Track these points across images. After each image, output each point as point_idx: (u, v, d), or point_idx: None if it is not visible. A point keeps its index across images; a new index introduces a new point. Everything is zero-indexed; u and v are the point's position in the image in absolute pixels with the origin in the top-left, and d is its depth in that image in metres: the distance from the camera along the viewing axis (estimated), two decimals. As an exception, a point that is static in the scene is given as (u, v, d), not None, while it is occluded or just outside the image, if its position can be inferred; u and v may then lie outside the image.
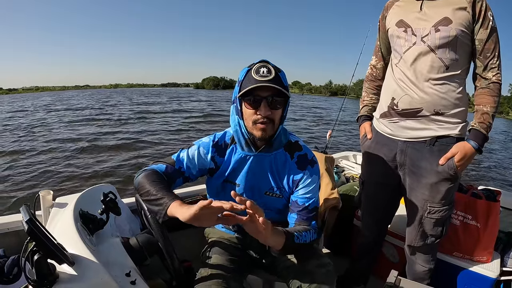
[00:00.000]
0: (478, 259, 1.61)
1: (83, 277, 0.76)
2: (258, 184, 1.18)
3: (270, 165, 1.16)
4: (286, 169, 1.17)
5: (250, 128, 1.07)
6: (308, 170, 1.16)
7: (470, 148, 1.22)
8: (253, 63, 1.06)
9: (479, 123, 1.23)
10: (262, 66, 1.02)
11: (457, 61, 1.22)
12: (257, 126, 1.05)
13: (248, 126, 1.07)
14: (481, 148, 1.23)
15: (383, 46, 1.49)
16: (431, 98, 1.23)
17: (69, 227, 0.91)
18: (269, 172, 1.16)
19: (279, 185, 1.18)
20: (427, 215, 1.34)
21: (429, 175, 1.29)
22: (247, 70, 1.05)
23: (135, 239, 1.07)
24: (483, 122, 1.23)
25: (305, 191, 1.16)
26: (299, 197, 1.16)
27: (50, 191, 1.28)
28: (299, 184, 1.16)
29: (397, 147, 1.35)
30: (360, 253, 1.69)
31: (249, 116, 1.05)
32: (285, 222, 1.25)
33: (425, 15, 1.24)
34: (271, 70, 1.01)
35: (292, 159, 1.17)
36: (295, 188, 1.17)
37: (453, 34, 1.18)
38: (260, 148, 1.12)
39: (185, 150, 1.16)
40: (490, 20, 1.19)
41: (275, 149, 1.14)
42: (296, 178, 1.16)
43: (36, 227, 0.67)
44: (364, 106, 1.58)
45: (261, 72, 1.01)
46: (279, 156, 1.16)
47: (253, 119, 1.05)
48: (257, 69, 1.02)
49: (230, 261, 1.17)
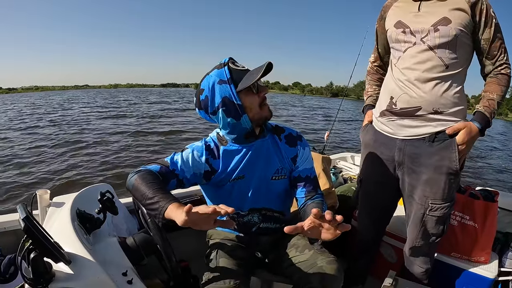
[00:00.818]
0: (476, 259, 1.61)
1: (80, 276, 0.76)
2: (263, 171, 1.19)
3: (268, 149, 1.19)
4: (281, 150, 1.22)
5: (258, 113, 1.10)
6: (299, 145, 1.25)
7: (474, 127, 1.22)
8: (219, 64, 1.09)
9: (484, 106, 1.24)
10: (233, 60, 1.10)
11: (457, 60, 1.22)
12: (265, 107, 1.11)
13: (255, 113, 1.10)
14: (484, 131, 1.23)
15: (381, 47, 1.50)
16: (430, 97, 1.24)
17: (66, 226, 0.91)
18: (269, 157, 1.19)
19: (281, 166, 1.21)
20: (429, 213, 1.33)
21: (429, 171, 1.29)
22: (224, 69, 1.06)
23: (132, 238, 1.06)
24: (488, 106, 1.23)
25: (304, 164, 1.24)
26: (300, 171, 1.23)
27: (47, 191, 1.28)
28: (296, 159, 1.23)
29: (396, 145, 1.35)
30: (358, 253, 1.69)
31: (254, 103, 1.09)
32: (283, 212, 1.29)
33: (423, 15, 1.24)
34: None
35: (281, 141, 1.23)
36: (295, 164, 1.24)
37: (452, 33, 1.18)
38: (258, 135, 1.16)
39: (179, 153, 1.15)
40: (494, 18, 1.19)
41: (264, 134, 1.19)
42: (292, 155, 1.23)
43: (32, 225, 0.67)
44: (369, 97, 1.59)
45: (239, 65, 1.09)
46: (270, 141, 1.21)
47: (259, 103, 1.09)
48: (233, 63, 1.08)
49: (237, 265, 1.15)
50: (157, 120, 14.29)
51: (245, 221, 1.25)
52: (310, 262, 1.13)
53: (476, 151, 11.47)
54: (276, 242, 1.30)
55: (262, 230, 1.27)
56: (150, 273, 1.15)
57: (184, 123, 13.16)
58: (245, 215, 1.24)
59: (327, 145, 2.73)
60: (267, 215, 1.26)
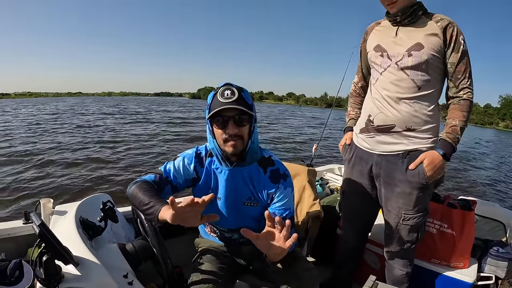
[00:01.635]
0: (455, 265, 1.70)
1: (87, 277, 0.84)
2: (236, 196, 1.25)
3: (244, 178, 1.23)
4: (260, 183, 1.25)
5: (222, 146, 1.16)
6: (282, 184, 1.24)
7: (437, 155, 1.32)
8: (218, 87, 1.15)
9: (447, 133, 1.34)
10: (226, 89, 1.11)
11: (429, 82, 1.34)
12: (227, 144, 1.14)
13: (220, 144, 1.17)
14: (448, 156, 1.33)
15: (364, 67, 1.61)
16: (403, 116, 1.35)
17: (72, 231, 0.99)
18: (245, 184, 1.24)
19: (255, 196, 1.26)
20: (402, 222, 1.44)
21: (402, 184, 1.40)
22: (213, 94, 1.14)
23: (131, 244, 1.15)
24: (450, 133, 1.34)
25: (281, 203, 1.24)
26: (276, 209, 1.24)
27: (50, 199, 1.36)
28: (274, 197, 1.25)
29: (373, 160, 1.47)
30: (342, 260, 1.78)
31: (219, 136, 1.15)
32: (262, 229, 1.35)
33: (400, 40, 1.36)
34: (234, 92, 1.10)
35: (265, 174, 1.25)
36: (270, 201, 1.26)
37: (424, 58, 1.30)
38: (234, 163, 1.21)
39: (171, 162, 1.25)
40: (462, 44, 1.29)
41: (248, 163, 1.22)
42: (270, 191, 1.24)
43: (47, 230, 0.75)
44: (351, 119, 1.70)
45: (225, 95, 1.10)
46: (253, 170, 1.24)
47: (223, 138, 1.14)
48: (222, 92, 1.11)
49: (220, 268, 1.26)
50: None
51: (226, 236, 1.36)
52: (290, 270, 1.23)
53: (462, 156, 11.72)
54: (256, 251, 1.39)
55: (243, 243, 1.35)
56: (145, 278, 1.23)
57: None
58: (226, 232, 1.34)
59: (315, 157, 2.81)
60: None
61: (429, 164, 1.32)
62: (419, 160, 1.35)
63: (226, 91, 1.11)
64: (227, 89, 1.11)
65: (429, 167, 1.32)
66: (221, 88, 1.12)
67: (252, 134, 1.18)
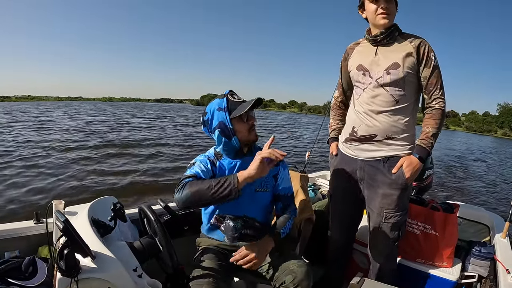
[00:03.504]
0: (439, 264, 1.81)
1: (103, 269, 0.95)
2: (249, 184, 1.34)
3: None
4: None
5: (246, 137, 1.37)
6: (281, 166, 1.49)
7: (414, 158, 1.49)
8: (222, 94, 1.38)
9: (421, 140, 1.52)
10: (234, 93, 1.38)
11: (405, 96, 1.51)
12: (253, 132, 1.37)
13: (243, 136, 1.36)
14: (424, 159, 1.50)
15: (345, 83, 1.78)
16: (383, 126, 1.52)
17: (87, 229, 1.10)
18: None
19: (263, 180, 1.43)
20: (384, 220, 1.58)
21: (384, 186, 1.55)
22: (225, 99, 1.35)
23: (139, 242, 1.27)
24: (425, 139, 1.51)
25: (283, 183, 1.49)
26: (280, 190, 1.48)
27: (61, 201, 1.46)
28: (277, 177, 1.48)
29: (357, 165, 1.62)
30: (332, 258, 1.91)
31: (244, 128, 1.35)
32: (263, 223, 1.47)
33: (379, 60, 1.52)
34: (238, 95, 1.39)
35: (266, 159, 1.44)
36: (276, 181, 1.48)
37: (401, 75, 1.47)
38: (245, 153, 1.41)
39: (194, 166, 1.34)
40: (433, 60, 1.47)
41: (252, 153, 1.39)
42: (274, 173, 1.46)
43: (70, 226, 0.86)
44: (333, 130, 1.87)
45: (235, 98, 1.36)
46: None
47: (248, 128, 1.36)
48: (232, 95, 1.37)
49: (219, 265, 1.37)
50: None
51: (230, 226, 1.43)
52: (283, 266, 1.36)
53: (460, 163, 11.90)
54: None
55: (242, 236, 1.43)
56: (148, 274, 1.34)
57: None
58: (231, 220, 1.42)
59: (308, 164, 2.90)
60: (249, 223, 1.43)
61: (407, 167, 1.48)
62: (399, 163, 1.50)
63: (234, 95, 1.37)
64: (234, 93, 1.39)
65: (408, 169, 1.48)
66: (229, 93, 1.36)
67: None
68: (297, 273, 1.30)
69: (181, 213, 1.80)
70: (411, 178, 1.50)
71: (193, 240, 1.61)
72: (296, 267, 1.32)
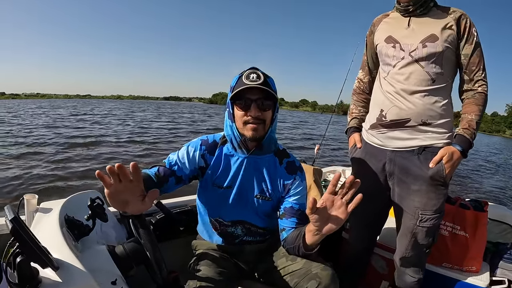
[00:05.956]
0: (468, 269, 1.62)
1: (68, 283, 0.73)
2: (249, 187, 1.20)
3: (260, 168, 1.20)
4: (276, 173, 1.22)
5: (241, 129, 1.13)
6: (299, 176, 1.23)
7: (456, 150, 1.26)
8: (244, 70, 1.12)
9: (464, 129, 1.28)
10: (252, 72, 1.10)
11: (443, 74, 1.28)
12: (247, 126, 1.11)
13: (239, 127, 1.14)
14: (466, 152, 1.27)
15: (370, 61, 1.53)
16: (418, 109, 1.28)
17: (54, 231, 0.88)
18: (260, 175, 1.20)
19: (269, 188, 1.21)
20: (419, 224, 1.34)
21: (419, 182, 1.31)
22: (238, 76, 1.12)
23: (122, 247, 1.03)
24: (467, 128, 1.28)
25: (297, 196, 1.21)
26: (293, 203, 1.20)
27: (35, 195, 1.25)
28: (290, 188, 1.21)
29: (386, 156, 1.38)
30: (349, 264, 1.67)
31: (240, 118, 1.12)
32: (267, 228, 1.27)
33: (412, 31, 1.30)
34: (260, 76, 1.09)
35: (281, 165, 1.23)
36: (286, 193, 1.22)
37: (439, 50, 1.25)
38: (252, 150, 1.17)
39: (175, 153, 1.19)
40: (475, 36, 1.26)
41: (265, 152, 1.19)
42: (286, 182, 1.21)
43: (20, 227, 0.65)
44: (353, 119, 1.61)
45: (251, 78, 1.09)
46: (269, 160, 1.21)
47: (243, 120, 1.11)
48: (248, 75, 1.10)
49: (219, 273, 1.15)
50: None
51: (229, 232, 1.26)
52: (304, 270, 1.13)
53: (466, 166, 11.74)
54: (261, 251, 1.30)
55: (246, 242, 1.28)
56: (138, 285, 1.12)
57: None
58: (229, 226, 1.25)
59: (317, 158, 2.72)
60: (251, 230, 1.26)
61: (448, 161, 1.24)
62: (438, 156, 1.26)
63: (252, 74, 1.10)
64: (253, 72, 1.10)
65: (449, 163, 1.25)
66: (247, 71, 1.10)
67: (274, 122, 1.15)
68: (322, 277, 1.08)
69: (176, 211, 1.60)
70: (451, 174, 1.27)
71: (190, 241, 1.41)
72: (320, 271, 1.10)
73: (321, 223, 0.96)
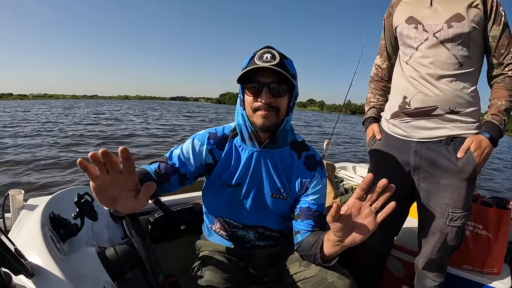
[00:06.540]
0: (489, 271, 1.51)
1: None
2: (263, 185, 1.06)
3: (276, 163, 1.05)
4: (293, 169, 1.07)
5: (250, 116, 0.98)
6: (318, 173, 1.08)
7: (484, 138, 1.14)
8: (258, 49, 0.97)
9: (492, 115, 1.17)
10: (266, 52, 0.94)
11: (470, 58, 1.17)
12: (257, 113, 0.96)
13: (249, 115, 0.99)
14: (496, 141, 1.16)
15: (389, 45, 1.42)
16: (446, 95, 1.17)
17: (34, 231, 0.77)
18: (275, 171, 1.05)
19: (285, 186, 1.06)
20: (449, 223, 1.22)
21: (449, 175, 1.20)
22: (251, 56, 0.96)
23: (113, 249, 0.92)
24: (496, 115, 1.17)
25: (315, 196, 1.06)
26: (311, 203, 1.06)
27: (21, 191, 1.15)
28: (308, 186, 1.07)
29: (411, 149, 1.26)
30: (365, 269, 1.55)
31: (249, 104, 0.97)
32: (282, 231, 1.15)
33: (436, 11, 1.19)
34: (275, 56, 0.93)
35: (300, 159, 1.08)
36: (304, 191, 1.07)
37: (466, 30, 1.14)
38: (265, 143, 1.02)
39: (179, 146, 1.05)
40: (503, 16, 1.15)
41: (280, 145, 1.04)
42: (305, 180, 1.06)
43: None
44: (371, 108, 1.49)
45: (264, 58, 0.92)
46: (285, 154, 1.06)
47: (253, 106, 0.96)
48: (261, 54, 0.94)
49: (226, 279, 1.04)
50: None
51: (239, 235, 1.14)
52: (319, 278, 1.01)
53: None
54: (273, 256, 1.18)
55: (257, 247, 1.16)
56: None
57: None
58: (240, 228, 1.13)
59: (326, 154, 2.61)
60: (265, 234, 1.14)
61: (477, 150, 1.13)
62: (466, 145, 1.14)
63: (265, 54, 0.93)
64: (267, 52, 0.94)
65: (478, 152, 1.13)
66: (261, 50, 0.94)
67: (290, 111, 1.00)
68: (339, 286, 0.97)
69: (177, 209, 1.49)
70: (482, 165, 1.15)
71: (191, 241, 1.30)
72: (337, 279, 0.98)
73: (344, 233, 0.81)
